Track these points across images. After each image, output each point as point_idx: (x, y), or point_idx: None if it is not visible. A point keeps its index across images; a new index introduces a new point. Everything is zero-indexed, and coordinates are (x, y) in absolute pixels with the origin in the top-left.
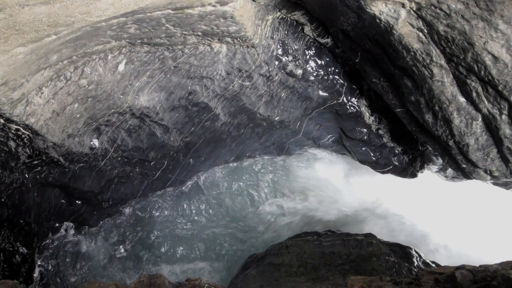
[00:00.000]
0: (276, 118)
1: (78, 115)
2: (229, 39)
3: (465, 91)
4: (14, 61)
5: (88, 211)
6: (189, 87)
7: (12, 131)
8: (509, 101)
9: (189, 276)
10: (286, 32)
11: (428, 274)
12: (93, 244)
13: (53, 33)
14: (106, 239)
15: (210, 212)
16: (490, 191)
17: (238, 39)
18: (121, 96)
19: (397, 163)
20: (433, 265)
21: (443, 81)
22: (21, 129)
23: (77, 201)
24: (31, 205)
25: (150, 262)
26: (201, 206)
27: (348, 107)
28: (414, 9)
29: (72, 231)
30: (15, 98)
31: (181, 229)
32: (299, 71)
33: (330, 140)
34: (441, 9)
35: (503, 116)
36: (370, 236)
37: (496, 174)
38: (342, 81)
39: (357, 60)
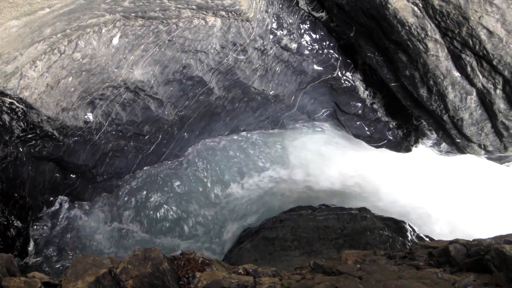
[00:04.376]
0: (271, 92)
1: (72, 89)
2: (223, 13)
3: (460, 66)
4: (7, 34)
5: (82, 185)
6: (184, 61)
7: (6, 104)
8: (503, 75)
9: (184, 250)
10: (280, 6)
11: (422, 248)
12: (87, 218)
13: (47, 6)
14: (100, 213)
15: (204, 185)
16: (484, 165)
17: (233, 13)
18: (116, 70)
19: (391, 138)
20: (427, 239)
21: (438, 56)
22: (15, 102)
23: (71, 175)
24: (25, 179)
25: (144, 236)
26: (195, 179)
27: (342, 81)
28: None
29: (66, 205)
30: (9, 71)
31: (175, 203)
32: (294, 45)
33: (324, 114)
34: None
35: (498, 91)
36: (364, 210)
37: (490, 148)
38: (336, 55)
39: (352, 34)
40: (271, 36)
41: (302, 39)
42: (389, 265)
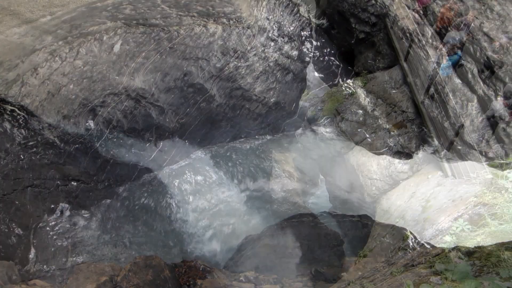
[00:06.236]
0: (272, 99)
1: (73, 96)
2: (224, 20)
3: (461, 73)
4: (9, 42)
5: (83, 192)
6: (185, 68)
7: (8, 112)
8: (504, 82)
9: (185, 258)
10: (281, 13)
11: (423, 255)
12: (88, 225)
13: (48, 13)
14: (101, 221)
15: (205, 192)
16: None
17: (234, 20)
18: (117, 77)
19: (392, 145)
20: (428, 246)
21: (439, 62)
22: (17, 110)
23: (72, 182)
24: (26, 187)
25: (145, 244)
26: (195, 186)
27: (343, 88)
28: None
29: (67, 213)
30: (10, 79)
31: (176, 210)
32: (295, 52)
33: (326, 121)
34: None
35: (499, 98)
36: (365, 217)
37: (491, 155)
38: (337, 62)
39: (352, 42)
40: (272, 43)
41: (303, 46)
42: (390, 272)
